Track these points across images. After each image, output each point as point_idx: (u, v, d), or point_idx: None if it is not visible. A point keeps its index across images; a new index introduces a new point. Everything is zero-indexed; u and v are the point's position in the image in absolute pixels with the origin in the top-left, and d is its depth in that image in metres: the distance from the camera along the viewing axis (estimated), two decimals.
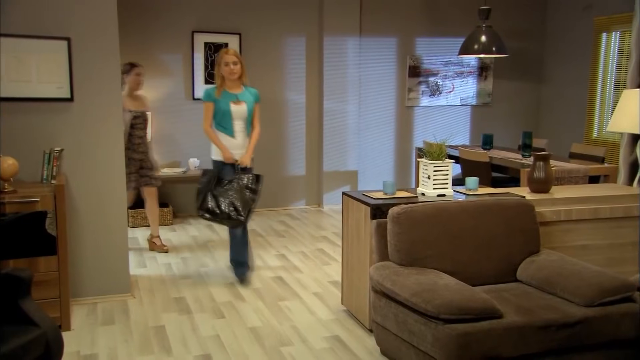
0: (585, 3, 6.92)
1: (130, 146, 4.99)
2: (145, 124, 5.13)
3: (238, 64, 4.36)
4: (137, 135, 5.05)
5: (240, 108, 4.38)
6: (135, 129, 5.02)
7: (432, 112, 7.49)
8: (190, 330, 3.63)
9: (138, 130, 5.05)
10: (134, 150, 5.04)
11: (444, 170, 3.73)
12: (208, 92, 4.40)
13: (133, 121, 4.98)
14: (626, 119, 3.66)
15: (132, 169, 5.01)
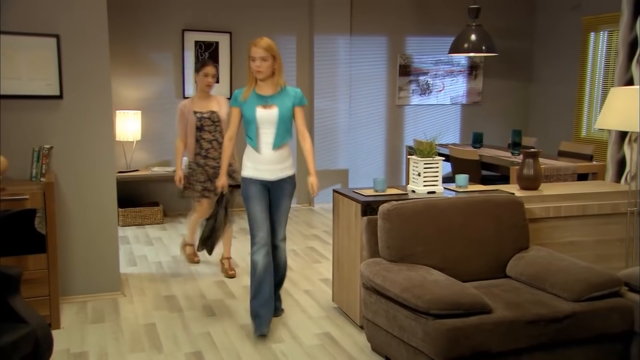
0: (574, 2, 6.97)
1: (199, 151, 4.47)
2: (216, 127, 4.48)
3: (268, 59, 3.52)
4: (206, 139, 4.46)
5: (269, 113, 3.51)
6: (203, 131, 4.45)
7: (422, 111, 7.52)
8: (181, 327, 3.62)
9: (206, 134, 4.45)
10: (203, 156, 4.47)
11: (434, 168, 3.75)
12: (234, 95, 3.64)
13: (200, 123, 4.43)
14: (614, 116, 3.69)
15: (200, 177, 4.48)
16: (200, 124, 4.42)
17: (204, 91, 4.49)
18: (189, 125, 4.42)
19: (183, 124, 4.46)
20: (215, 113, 4.45)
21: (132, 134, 6.19)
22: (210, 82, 4.46)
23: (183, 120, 4.46)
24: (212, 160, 4.48)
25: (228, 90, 6.64)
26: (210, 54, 6.55)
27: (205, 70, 4.46)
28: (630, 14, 4.05)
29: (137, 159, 6.42)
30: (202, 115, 4.43)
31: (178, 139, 4.52)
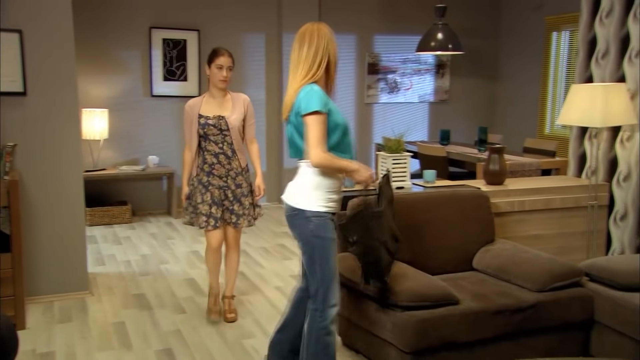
0: (536, 3, 7.13)
1: (202, 166, 3.53)
2: (224, 137, 3.49)
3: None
4: (211, 152, 3.50)
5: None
6: (208, 141, 3.49)
7: (390, 109, 7.60)
8: (151, 325, 3.60)
9: (211, 145, 3.49)
10: (207, 173, 3.53)
11: (402, 163, 3.80)
12: (321, 95, 2.56)
13: (203, 131, 3.46)
14: (574, 112, 3.80)
15: (199, 198, 3.52)
16: (203, 132, 3.47)
17: (217, 88, 3.50)
18: (193, 132, 3.52)
19: (189, 129, 3.54)
20: (223, 119, 3.47)
21: (99, 133, 6.10)
22: (225, 77, 3.46)
23: (188, 124, 3.53)
24: (219, 179, 3.53)
25: (197, 90, 6.61)
26: (179, 52, 6.50)
27: (219, 60, 3.46)
28: (588, 14, 4.17)
29: (104, 157, 6.33)
30: (205, 122, 3.46)
31: (186, 147, 3.59)
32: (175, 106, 6.60)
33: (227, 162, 3.53)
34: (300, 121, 2.52)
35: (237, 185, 3.58)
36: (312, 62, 2.61)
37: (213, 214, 3.50)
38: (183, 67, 6.54)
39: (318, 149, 2.44)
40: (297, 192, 2.61)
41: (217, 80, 3.48)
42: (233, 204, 3.56)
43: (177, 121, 6.63)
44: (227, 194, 3.56)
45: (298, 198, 2.59)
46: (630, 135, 3.94)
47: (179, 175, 6.61)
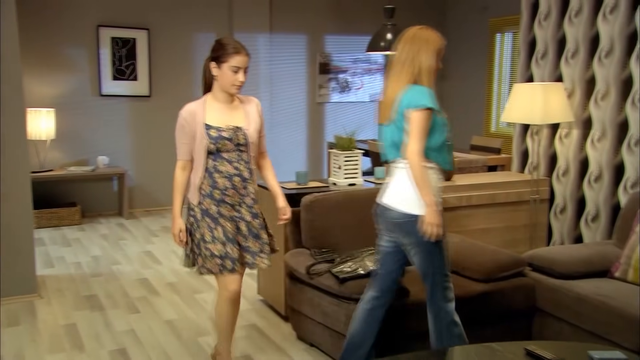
0: (481, 5, 7.37)
1: (210, 191, 2.71)
2: (240, 154, 2.75)
3: None
4: (223, 173, 2.71)
5: None
6: (219, 159, 2.71)
7: (342, 108, 7.70)
8: (104, 326, 3.56)
9: (224, 164, 2.72)
10: (218, 201, 2.72)
11: (353, 160, 3.89)
12: (429, 93, 2.63)
13: (216, 146, 2.68)
14: (517, 111, 3.97)
15: (217, 233, 2.71)
16: (216, 148, 2.69)
17: (227, 93, 2.75)
18: (196, 147, 2.70)
19: (186, 143, 2.72)
20: (241, 131, 2.73)
21: (46, 133, 5.95)
22: (241, 82, 2.72)
23: (186, 136, 2.71)
24: (230, 208, 2.75)
25: (147, 90, 6.53)
26: (128, 51, 6.41)
27: (235, 61, 2.69)
28: (528, 16, 4.37)
29: (51, 158, 6.18)
30: (219, 134, 2.69)
31: (178, 165, 2.76)
32: (126, 106, 6.51)
33: (243, 187, 2.75)
34: (403, 118, 2.53)
35: (254, 215, 2.81)
36: (411, 65, 2.62)
37: (229, 254, 2.70)
38: (133, 67, 6.45)
39: (417, 145, 2.46)
40: (407, 197, 2.52)
41: (229, 84, 2.70)
42: (247, 240, 2.78)
43: (128, 121, 6.54)
44: (241, 226, 2.78)
45: (411, 204, 2.51)
46: (568, 132, 4.14)
47: (130, 175, 6.53)
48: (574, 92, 4.05)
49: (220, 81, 2.73)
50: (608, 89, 3.83)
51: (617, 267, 3.13)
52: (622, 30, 3.72)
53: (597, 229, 3.97)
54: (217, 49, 2.76)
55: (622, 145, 3.78)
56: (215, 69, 2.73)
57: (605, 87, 3.84)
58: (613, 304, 2.80)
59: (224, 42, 2.76)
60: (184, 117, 2.73)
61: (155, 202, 6.77)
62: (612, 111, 3.82)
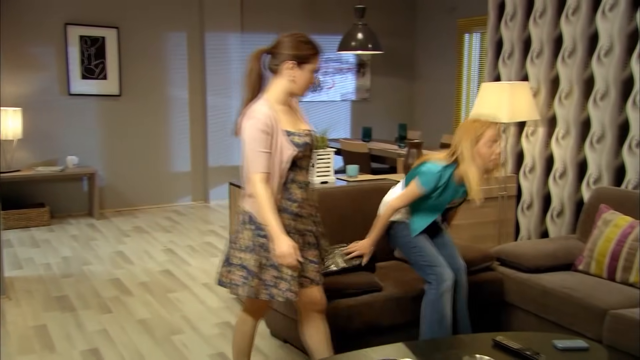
0: (449, 6, 7.49)
1: (288, 204, 2.43)
2: (309, 159, 2.52)
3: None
4: (300, 183, 2.46)
5: None
6: (297, 169, 2.44)
7: (314, 107, 7.73)
8: (75, 326, 3.53)
9: (301, 173, 2.47)
10: (295, 215, 2.45)
11: (326, 159, 3.93)
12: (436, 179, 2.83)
13: (300, 154, 2.42)
14: (485, 109, 4.06)
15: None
16: (299, 155, 2.42)
17: (295, 95, 2.50)
18: (276, 157, 2.39)
19: (267, 152, 2.36)
20: (311, 135, 2.50)
21: (12, 132, 5.85)
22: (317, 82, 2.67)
23: (267, 144, 2.36)
24: (305, 221, 2.51)
25: (117, 89, 6.48)
26: (97, 50, 6.34)
27: (318, 61, 2.49)
28: (495, 17, 4.47)
29: (19, 158, 6.08)
30: (302, 140, 2.43)
31: (259, 179, 2.34)
32: (95, 105, 6.43)
33: (311, 196, 2.56)
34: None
35: (317, 224, 2.61)
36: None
37: (294, 275, 2.42)
38: (102, 65, 6.39)
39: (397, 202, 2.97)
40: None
41: (306, 86, 2.46)
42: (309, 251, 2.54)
43: (98, 120, 6.47)
44: (309, 240, 2.53)
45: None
46: (534, 130, 4.26)
47: (100, 175, 6.46)
48: (539, 91, 4.16)
49: (297, 83, 2.43)
50: (571, 88, 3.95)
51: (581, 261, 3.24)
52: (584, 31, 3.84)
53: (562, 224, 4.09)
54: (300, 48, 2.43)
55: (584, 143, 3.90)
56: (294, 69, 2.42)
57: (569, 86, 3.96)
58: (577, 296, 2.89)
59: (309, 40, 2.47)
60: (265, 123, 2.35)
61: (127, 202, 6.71)
62: (576, 110, 3.94)
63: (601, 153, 3.79)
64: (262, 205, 2.33)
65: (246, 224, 2.43)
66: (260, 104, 2.40)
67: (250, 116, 2.37)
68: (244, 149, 2.39)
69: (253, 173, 2.35)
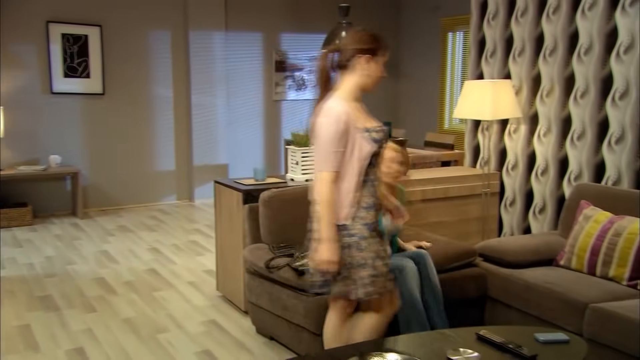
0: (432, 5, 7.54)
1: (370, 203, 2.40)
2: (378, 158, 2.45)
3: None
4: (375, 181, 2.44)
5: None
6: (372, 166, 2.41)
7: (299, 106, 7.75)
8: (60, 326, 3.51)
9: (374, 171, 2.43)
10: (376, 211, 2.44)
11: (311, 156, 3.94)
12: None
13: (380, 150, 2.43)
14: (468, 107, 4.11)
15: (385, 250, 2.48)
16: (377, 151, 2.40)
17: (365, 91, 2.48)
18: (355, 155, 2.35)
19: (341, 150, 2.33)
20: (383, 130, 2.47)
21: None
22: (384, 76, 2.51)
23: (343, 142, 2.33)
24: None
25: (101, 87, 6.43)
26: (80, 48, 6.29)
27: (387, 54, 2.49)
28: (478, 16, 4.52)
29: (0, 157, 6.01)
30: (379, 137, 2.41)
31: (328, 178, 2.31)
32: (78, 104, 6.39)
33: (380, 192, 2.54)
34: None
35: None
36: None
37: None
38: (85, 64, 6.34)
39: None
40: None
41: (379, 79, 2.47)
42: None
43: (81, 119, 6.42)
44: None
45: None
46: (517, 127, 4.31)
47: (84, 174, 6.41)
48: (521, 89, 4.22)
49: (372, 77, 2.42)
50: (552, 86, 4.00)
51: (562, 256, 3.29)
52: (564, 30, 3.90)
53: (544, 220, 4.15)
54: (371, 42, 2.41)
55: (566, 140, 3.96)
56: (368, 63, 2.39)
57: (550, 84, 4.02)
58: (558, 291, 2.94)
59: (379, 35, 2.46)
60: (344, 121, 2.31)
61: (111, 202, 6.68)
62: (557, 107, 3.99)
63: (582, 150, 3.85)
64: (321, 204, 2.31)
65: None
66: (334, 102, 2.36)
67: (325, 114, 2.34)
68: (316, 146, 2.35)
69: (322, 171, 2.32)
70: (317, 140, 2.35)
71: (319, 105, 2.40)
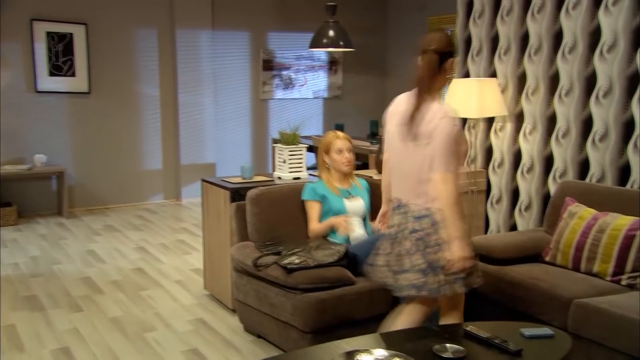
0: (419, 4, 7.58)
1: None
2: None
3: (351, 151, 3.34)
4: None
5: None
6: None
7: (286, 105, 7.75)
8: (45, 326, 3.48)
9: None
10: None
11: (298, 154, 3.94)
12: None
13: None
14: (454, 105, 4.13)
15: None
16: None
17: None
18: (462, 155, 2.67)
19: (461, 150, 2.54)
20: None
21: None
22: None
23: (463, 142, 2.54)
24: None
25: (87, 86, 6.39)
26: (65, 47, 6.24)
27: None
28: (464, 15, 4.55)
29: None
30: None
31: (453, 177, 2.40)
32: (64, 102, 6.34)
33: None
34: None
35: None
36: None
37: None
38: (71, 62, 6.29)
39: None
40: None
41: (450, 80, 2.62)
42: None
43: (67, 118, 6.37)
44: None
45: None
46: (502, 125, 4.34)
47: (70, 174, 6.36)
48: (507, 88, 4.25)
49: (450, 79, 2.48)
50: (538, 84, 4.04)
51: (547, 252, 3.32)
52: (549, 28, 3.93)
53: (530, 217, 4.18)
54: (453, 45, 2.61)
55: (551, 138, 3.99)
56: (452, 66, 2.56)
57: (535, 82, 4.05)
58: (543, 286, 2.97)
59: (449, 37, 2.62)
60: (457, 125, 2.43)
61: (97, 201, 6.63)
62: (542, 105, 4.03)
63: (566, 148, 3.89)
64: (452, 205, 2.35)
65: (441, 222, 2.42)
66: (442, 104, 2.44)
67: (444, 115, 2.39)
68: (438, 148, 2.37)
69: (447, 172, 2.35)
70: (438, 142, 2.37)
71: (419, 110, 2.44)
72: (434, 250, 2.44)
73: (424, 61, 2.48)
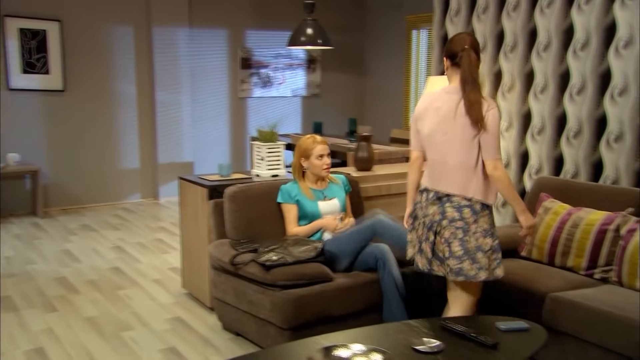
0: (396, 2, 7.61)
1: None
2: None
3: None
4: None
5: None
6: None
7: (264, 103, 7.73)
8: (18, 326, 3.42)
9: None
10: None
11: (276, 152, 3.94)
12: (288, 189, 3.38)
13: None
14: None
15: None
16: None
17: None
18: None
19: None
20: None
21: None
22: None
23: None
24: None
25: (61, 84, 6.30)
26: (39, 43, 6.15)
27: None
28: (440, 13, 4.58)
29: None
30: None
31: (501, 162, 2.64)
32: (38, 100, 6.24)
33: None
34: None
35: None
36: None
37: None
38: (44, 60, 6.20)
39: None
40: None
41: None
42: None
43: (41, 116, 6.27)
44: None
45: None
46: None
47: (44, 173, 6.27)
48: (483, 85, 4.29)
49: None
50: (513, 82, 4.09)
51: (523, 247, 3.37)
52: (524, 26, 3.98)
53: (507, 214, 4.23)
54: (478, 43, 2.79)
55: (526, 135, 4.04)
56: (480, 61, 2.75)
57: (511, 80, 4.10)
58: (519, 280, 3.01)
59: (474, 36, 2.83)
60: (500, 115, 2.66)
61: (73, 201, 6.54)
62: (518, 103, 4.08)
63: (542, 144, 3.94)
64: (510, 185, 2.61)
65: (481, 211, 2.63)
66: (487, 96, 2.70)
67: (493, 106, 2.59)
68: (488, 137, 2.57)
69: (496, 159, 2.59)
70: (490, 131, 2.57)
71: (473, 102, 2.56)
72: (475, 238, 2.61)
73: (464, 59, 2.62)
